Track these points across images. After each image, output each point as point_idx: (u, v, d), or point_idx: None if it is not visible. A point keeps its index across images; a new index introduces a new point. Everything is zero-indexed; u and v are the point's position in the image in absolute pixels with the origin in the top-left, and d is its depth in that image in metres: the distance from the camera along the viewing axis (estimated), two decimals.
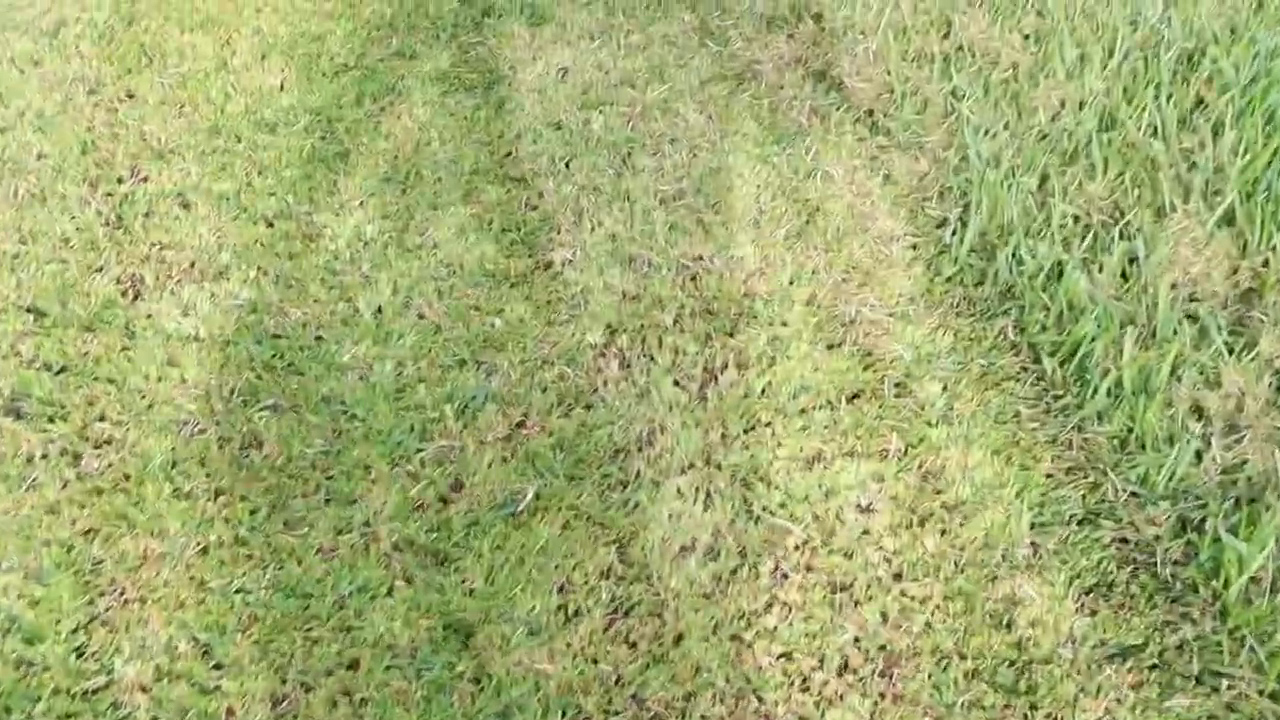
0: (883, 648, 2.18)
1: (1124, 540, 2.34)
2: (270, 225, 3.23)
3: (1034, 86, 3.64)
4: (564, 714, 2.08)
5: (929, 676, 2.13)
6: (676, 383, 2.72)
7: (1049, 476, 2.49)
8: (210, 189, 3.36)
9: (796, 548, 2.35)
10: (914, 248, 3.15)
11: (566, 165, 3.50)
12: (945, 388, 2.71)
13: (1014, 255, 2.99)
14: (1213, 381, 2.60)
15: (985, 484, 2.47)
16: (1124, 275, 2.92)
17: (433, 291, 3.00)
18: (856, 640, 2.18)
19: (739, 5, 4.41)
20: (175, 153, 3.53)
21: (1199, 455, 2.43)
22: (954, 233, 3.14)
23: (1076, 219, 3.12)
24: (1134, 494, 2.41)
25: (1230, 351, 2.65)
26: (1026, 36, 3.97)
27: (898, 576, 2.29)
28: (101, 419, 2.62)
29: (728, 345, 2.82)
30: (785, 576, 2.29)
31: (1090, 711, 2.08)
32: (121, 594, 2.24)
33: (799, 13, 4.25)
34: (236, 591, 2.25)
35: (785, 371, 2.74)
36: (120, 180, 3.40)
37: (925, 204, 3.28)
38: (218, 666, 2.14)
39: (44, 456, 2.52)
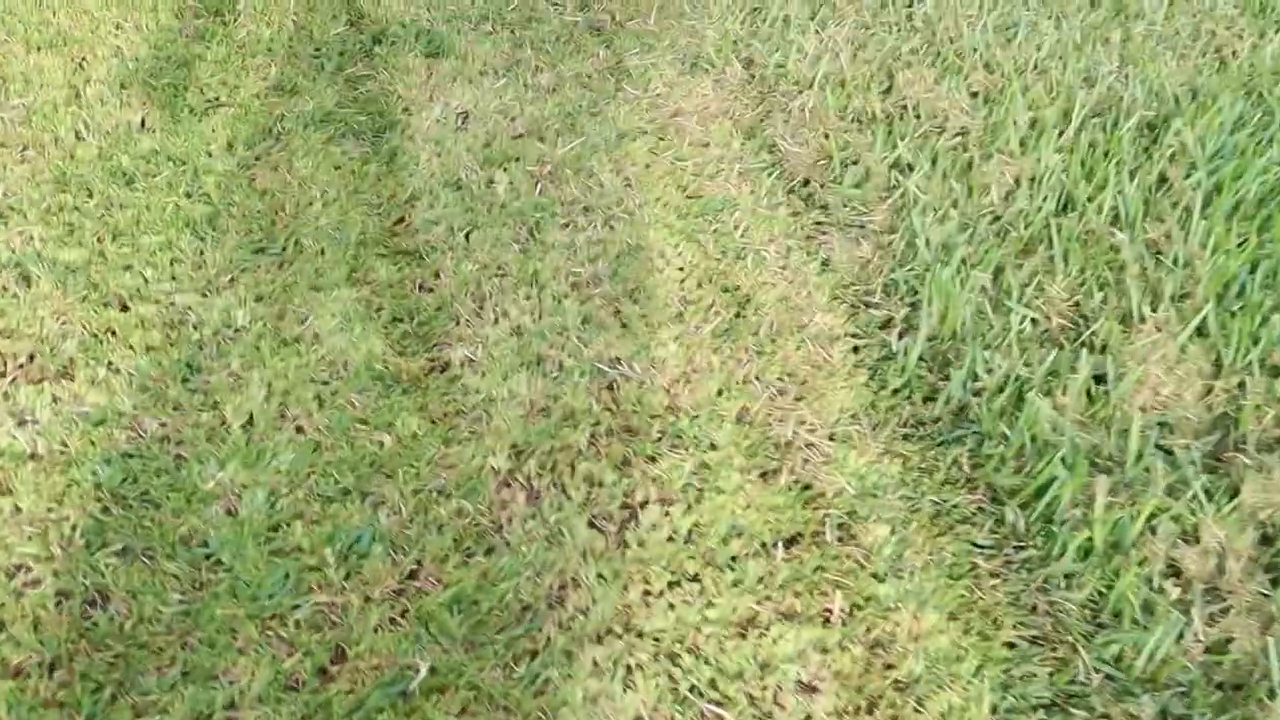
0: None
1: None
2: (125, 309, 2.97)
3: (985, 159, 3.50)
4: None
5: None
6: (592, 523, 2.53)
7: (1012, 648, 2.34)
8: (55, 259, 3.09)
9: None
10: (856, 351, 2.98)
11: (467, 237, 3.28)
12: (893, 530, 2.55)
13: (968, 370, 2.83)
14: (1191, 536, 2.46)
15: (941, 656, 2.31)
16: (1089, 395, 2.77)
17: (312, 398, 2.76)
18: None
19: (659, 41, 4.21)
20: (15, 210, 3.24)
21: (1180, 634, 2.28)
22: (900, 336, 2.98)
23: (1035, 322, 2.97)
24: (1109, 677, 2.26)
25: (1209, 497, 2.52)
26: (975, 94, 3.83)
27: None
28: None
29: (649, 474, 2.63)
30: None
31: None
32: None
33: (727, 55, 4.06)
34: None
35: (714, 508, 2.56)
36: None
37: (868, 298, 3.12)
38: None
39: None
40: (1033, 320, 2.98)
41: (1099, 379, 2.81)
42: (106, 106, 3.70)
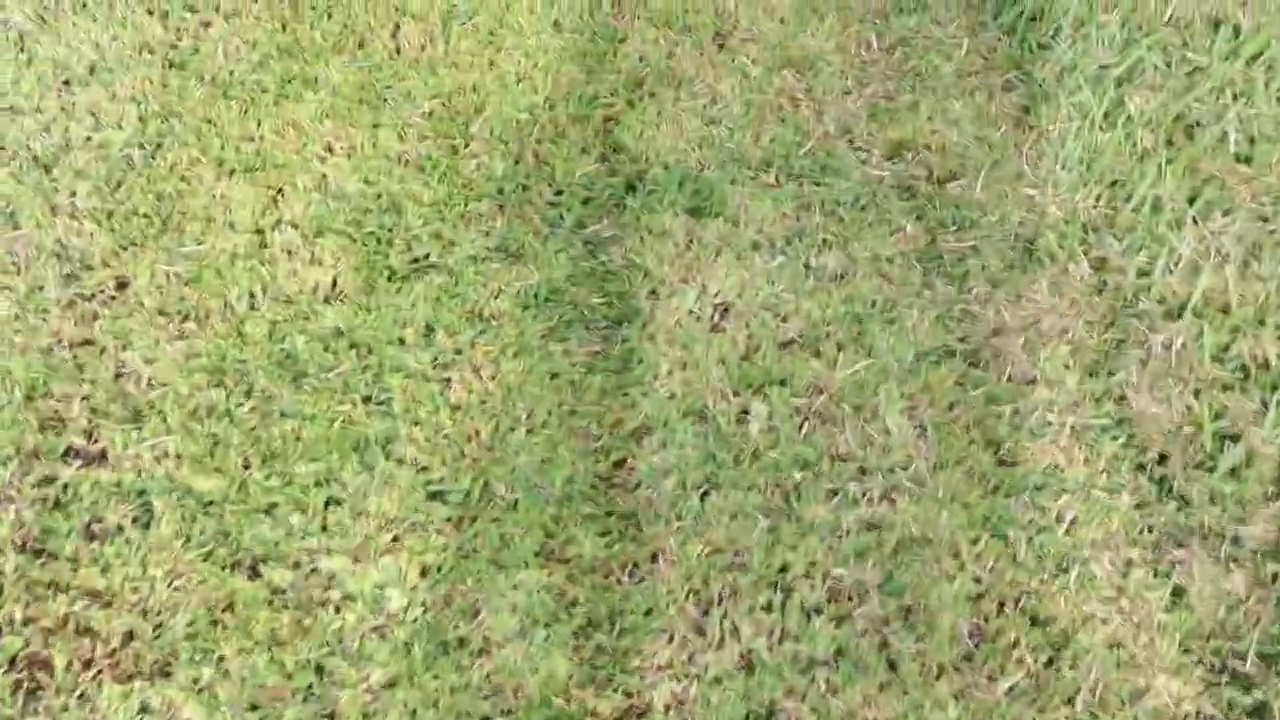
0: None
1: None
2: (254, 573, 2.63)
3: None
4: None
5: None
6: None
7: None
8: (188, 488, 2.79)
9: None
10: None
11: (702, 500, 2.82)
12: None
13: None
14: None
15: None
16: None
17: None
18: None
19: (985, 213, 3.67)
20: (156, 410, 2.96)
21: None
22: None
23: None
24: None
25: None
26: None
27: None
28: None
29: None
30: None
31: None
32: None
33: (1071, 247, 3.49)
34: None
35: None
36: (66, 457, 2.83)
37: (1235, 662, 2.54)
38: None
39: None
40: None
41: None
42: (294, 261, 3.39)
